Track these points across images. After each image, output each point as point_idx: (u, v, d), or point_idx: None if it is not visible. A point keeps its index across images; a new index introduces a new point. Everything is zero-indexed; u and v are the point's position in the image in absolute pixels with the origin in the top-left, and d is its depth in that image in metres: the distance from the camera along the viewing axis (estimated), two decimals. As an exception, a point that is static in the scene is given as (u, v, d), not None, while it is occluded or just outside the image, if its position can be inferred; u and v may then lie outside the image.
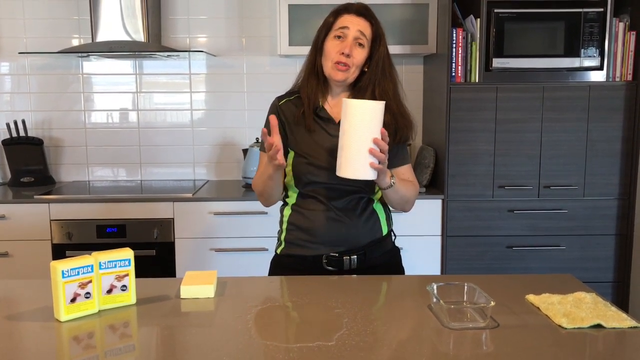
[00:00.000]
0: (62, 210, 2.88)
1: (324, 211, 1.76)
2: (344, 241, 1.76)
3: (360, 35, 1.71)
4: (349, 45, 1.70)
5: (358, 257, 1.77)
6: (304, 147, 1.75)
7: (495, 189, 2.90)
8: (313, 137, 1.75)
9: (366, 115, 1.53)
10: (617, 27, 2.83)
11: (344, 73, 1.72)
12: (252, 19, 3.36)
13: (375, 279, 1.65)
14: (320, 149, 1.74)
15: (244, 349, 1.20)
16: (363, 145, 1.54)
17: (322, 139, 1.75)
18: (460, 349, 1.22)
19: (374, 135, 1.54)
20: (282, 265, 1.84)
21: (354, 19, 1.72)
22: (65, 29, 3.34)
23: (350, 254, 1.77)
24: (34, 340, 1.27)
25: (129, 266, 1.43)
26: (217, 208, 2.89)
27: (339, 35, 1.71)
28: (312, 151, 1.74)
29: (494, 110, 2.86)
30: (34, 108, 3.39)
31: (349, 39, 1.70)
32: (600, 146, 2.89)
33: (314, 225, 1.77)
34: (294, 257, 1.81)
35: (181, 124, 3.44)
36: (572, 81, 2.85)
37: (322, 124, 1.77)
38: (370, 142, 1.54)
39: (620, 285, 2.98)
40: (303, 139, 1.76)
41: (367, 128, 1.54)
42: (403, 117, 1.76)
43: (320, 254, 1.77)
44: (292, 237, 1.81)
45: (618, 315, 1.33)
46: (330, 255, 1.76)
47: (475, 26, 2.83)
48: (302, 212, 1.79)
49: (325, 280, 1.66)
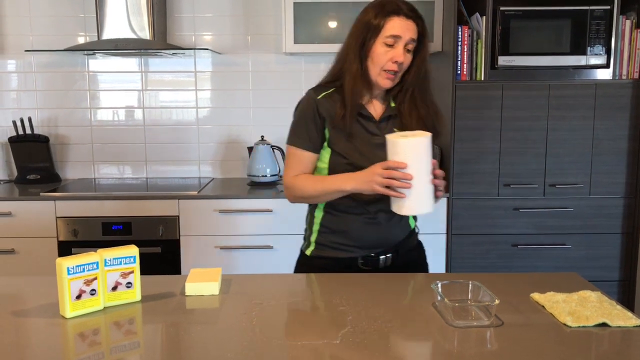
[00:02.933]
0: (67, 208, 2.89)
1: (360, 214, 1.72)
2: (380, 242, 1.75)
3: (411, 42, 1.65)
4: (401, 53, 1.64)
5: (392, 255, 1.77)
6: (343, 147, 1.70)
7: (501, 187, 2.90)
8: (353, 137, 1.71)
9: (420, 152, 1.53)
10: (624, 25, 2.81)
11: (393, 81, 1.69)
12: (258, 17, 3.36)
13: (380, 277, 1.65)
14: (360, 149, 1.70)
15: (249, 346, 1.20)
16: (421, 181, 1.54)
17: (361, 139, 1.71)
18: (465, 347, 1.22)
19: (429, 167, 1.55)
20: (312, 266, 1.79)
21: (404, 24, 1.64)
22: (71, 26, 3.34)
23: (385, 253, 1.76)
24: (40, 336, 1.27)
25: (134, 263, 1.44)
26: (222, 206, 2.90)
27: (390, 44, 1.64)
28: (351, 151, 1.69)
29: (499, 109, 2.85)
30: (40, 106, 3.41)
31: (400, 47, 1.64)
32: (607, 144, 2.88)
33: (349, 229, 1.74)
34: (327, 258, 1.78)
35: (186, 122, 3.45)
36: (578, 79, 2.84)
37: (363, 122, 1.72)
38: (427, 175, 1.54)
39: (626, 284, 2.97)
40: (343, 139, 1.70)
41: (425, 163, 1.54)
42: (438, 117, 1.76)
43: (356, 256, 1.75)
44: (325, 239, 1.78)
45: (623, 314, 1.33)
46: (366, 256, 1.75)
47: (481, 24, 2.82)
48: (336, 214, 1.75)
49: (329, 278, 1.66)
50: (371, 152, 1.68)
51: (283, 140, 3.37)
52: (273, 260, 2.92)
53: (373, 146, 1.69)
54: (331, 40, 3.08)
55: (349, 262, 1.75)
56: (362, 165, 1.67)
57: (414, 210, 1.58)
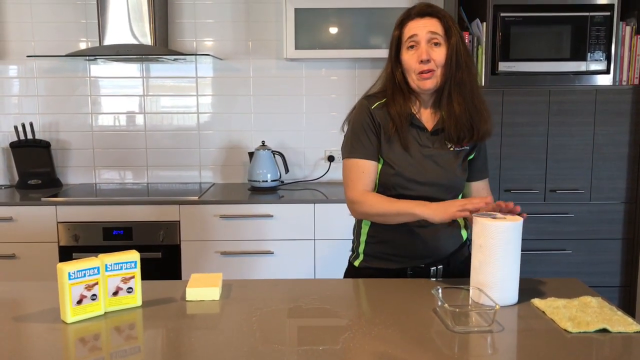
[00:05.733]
0: (69, 213, 2.89)
1: (410, 224, 1.67)
2: (430, 253, 1.72)
3: (432, 35, 1.62)
4: (424, 50, 1.62)
5: (443, 266, 1.73)
6: (394, 157, 1.68)
7: (501, 192, 2.90)
8: (405, 148, 1.68)
9: (508, 237, 1.44)
10: (624, 31, 2.82)
11: (431, 80, 1.64)
12: (259, 23, 3.37)
13: (380, 282, 1.65)
14: (411, 161, 1.68)
15: (249, 351, 1.20)
16: (506, 266, 1.44)
17: (413, 150, 1.68)
18: (465, 352, 1.22)
19: (516, 254, 1.46)
20: (361, 276, 1.76)
21: (418, 23, 1.64)
22: (72, 32, 3.35)
23: (435, 264, 1.73)
24: (40, 341, 1.27)
25: (134, 268, 1.44)
26: (223, 211, 2.90)
27: (412, 45, 1.64)
28: (402, 162, 1.67)
29: (500, 114, 2.85)
30: (42, 111, 3.41)
31: (422, 44, 1.63)
32: (607, 150, 2.88)
33: (395, 238, 1.71)
34: (376, 269, 1.75)
35: (187, 127, 3.45)
36: (578, 85, 2.84)
37: (414, 132, 1.70)
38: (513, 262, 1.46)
39: (627, 290, 2.97)
40: (396, 150, 1.68)
41: (512, 249, 1.45)
42: (478, 113, 1.68)
43: (405, 267, 1.73)
44: (373, 250, 1.76)
45: (624, 320, 1.33)
46: (416, 266, 1.73)
47: (481, 30, 2.83)
48: (384, 226, 1.70)
49: (330, 284, 1.66)
50: (421, 164, 1.67)
51: (284, 146, 3.43)
52: (274, 265, 2.92)
53: (424, 157, 1.68)
54: (332, 46, 3.09)
55: (398, 272, 1.73)
56: (411, 177, 1.67)
57: (497, 299, 1.41)
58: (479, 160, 1.79)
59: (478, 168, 1.79)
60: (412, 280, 1.70)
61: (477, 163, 1.79)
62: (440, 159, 1.69)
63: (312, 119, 3.41)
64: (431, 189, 1.68)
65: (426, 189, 1.67)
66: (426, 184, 1.68)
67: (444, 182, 1.69)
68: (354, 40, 3.10)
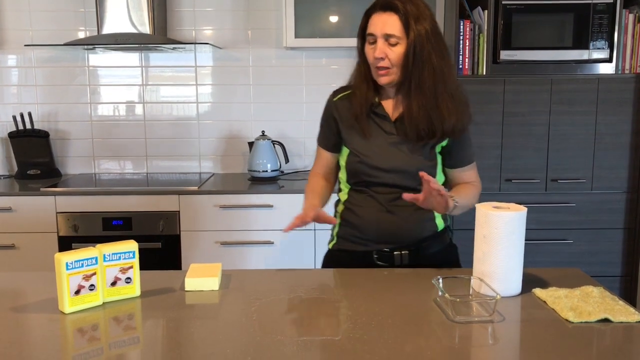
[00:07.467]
0: (68, 203, 2.88)
1: (375, 207, 1.72)
2: (394, 238, 1.73)
3: (387, 37, 1.63)
4: (379, 49, 1.64)
5: (410, 253, 1.74)
6: (357, 146, 1.72)
7: (503, 182, 2.89)
8: (368, 137, 1.72)
9: (511, 227, 1.42)
10: (627, 19, 2.80)
11: (387, 77, 1.67)
12: (258, 11, 3.35)
13: (379, 272, 1.64)
14: (375, 149, 1.71)
15: (248, 342, 1.20)
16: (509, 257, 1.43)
17: (377, 138, 1.71)
18: (466, 342, 1.21)
19: (519, 244, 1.44)
20: (335, 260, 1.82)
21: (380, 18, 1.64)
22: (71, 21, 3.33)
23: (401, 249, 1.74)
24: (39, 332, 1.27)
25: (133, 258, 1.43)
26: (223, 201, 2.89)
27: (371, 42, 1.67)
28: (366, 151, 1.71)
29: (501, 103, 2.83)
30: (40, 101, 3.40)
31: (378, 42, 1.64)
32: (609, 139, 2.86)
33: (363, 222, 1.74)
34: (346, 252, 1.79)
35: (187, 117, 3.44)
36: (580, 73, 2.82)
37: (378, 121, 1.72)
38: (516, 252, 1.44)
39: (628, 280, 2.96)
40: (358, 139, 1.73)
41: (516, 239, 1.44)
42: (439, 113, 1.65)
43: (371, 250, 1.75)
44: (344, 232, 1.80)
45: (625, 310, 1.32)
46: (381, 250, 1.74)
47: (482, 18, 2.80)
48: (353, 209, 1.76)
49: (330, 274, 1.65)
50: (386, 152, 1.70)
51: (284, 136, 3.41)
52: (273, 255, 2.91)
53: (388, 145, 1.71)
54: (332, 35, 3.07)
55: (364, 255, 1.75)
56: (375, 165, 1.69)
57: (501, 290, 1.40)
58: (455, 147, 1.76)
59: (456, 155, 1.78)
60: (413, 270, 1.69)
61: (454, 151, 1.77)
62: (405, 147, 1.70)
63: (312, 108, 3.39)
64: (397, 176, 1.69)
65: (391, 176, 1.70)
66: (391, 171, 1.70)
67: (408, 169, 1.69)
68: (354, 29, 3.05)
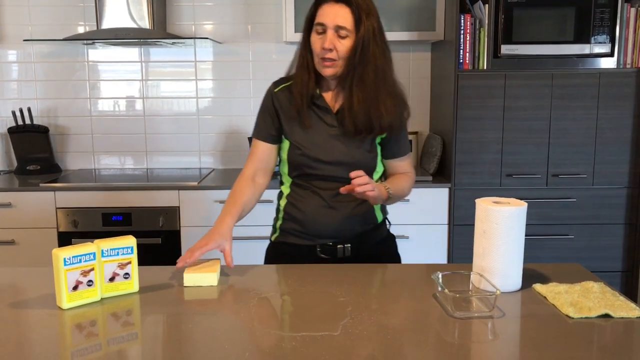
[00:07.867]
0: (67, 198, 2.88)
1: (317, 203, 1.73)
2: (337, 232, 1.75)
3: (338, 29, 1.62)
4: (328, 40, 1.62)
5: (352, 246, 1.76)
6: (298, 139, 1.72)
7: (503, 177, 2.88)
8: (309, 129, 1.72)
9: (511, 222, 1.40)
10: (629, 13, 2.78)
11: (332, 68, 1.66)
12: (258, 6, 3.33)
13: (379, 267, 1.64)
14: (317, 141, 1.71)
15: (247, 337, 1.19)
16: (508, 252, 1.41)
17: (318, 130, 1.72)
18: (466, 338, 1.21)
19: (519, 239, 1.42)
20: (277, 252, 1.84)
21: (332, 10, 1.62)
22: (70, 16, 3.32)
23: (344, 243, 1.75)
24: (36, 328, 1.26)
25: (131, 254, 1.42)
26: (223, 196, 2.88)
27: (320, 32, 1.64)
28: (307, 143, 1.71)
29: (502, 98, 2.82)
30: (40, 96, 3.39)
31: (328, 34, 1.62)
32: (610, 134, 2.85)
33: (307, 218, 1.75)
34: (289, 245, 1.81)
35: (187, 112, 3.43)
36: (581, 68, 2.81)
37: (320, 113, 1.73)
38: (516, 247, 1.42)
39: (629, 275, 2.96)
40: (298, 131, 1.72)
41: (516, 234, 1.41)
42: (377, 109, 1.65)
43: (314, 244, 1.76)
44: (287, 226, 1.81)
45: (626, 305, 1.31)
46: (324, 244, 1.76)
47: (483, 12, 2.79)
48: (295, 204, 1.77)
49: (329, 269, 1.65)
50: (328, 143, 1.70)
51: (284, 131, 3.39)
52: (274, 251, 2.91)
53: (329, 137, 1.70)
54: (332, 29, 3.05)
55: (308, 249, 1.77)
56: (316, 157, 1.70)
57: (501, 286, 1.38)
58: (392, 141, 1.77)
59: (392, 147, 1.79)
60: (412, 265, 1.68)
61: (391, 143, 1.77)
62: (345, 139, 1.70)
63: (312, 103, 3.38)
64: (337, 168, 1.69)
65: (332, 168, 1.70)
66: (332, 163, 1.70)
67: (349, 161, 1.69)
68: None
